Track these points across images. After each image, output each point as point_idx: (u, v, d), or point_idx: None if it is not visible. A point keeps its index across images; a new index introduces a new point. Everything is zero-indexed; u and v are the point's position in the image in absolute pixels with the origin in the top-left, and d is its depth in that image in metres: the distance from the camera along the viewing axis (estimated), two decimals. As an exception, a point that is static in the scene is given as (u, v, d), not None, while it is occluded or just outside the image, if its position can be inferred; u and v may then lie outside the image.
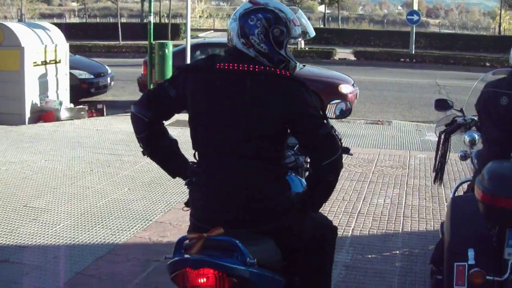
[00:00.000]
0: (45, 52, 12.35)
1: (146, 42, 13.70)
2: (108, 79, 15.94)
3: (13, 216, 6.25)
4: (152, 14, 13.02)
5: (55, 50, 12.70)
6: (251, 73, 2.87)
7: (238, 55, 2.95)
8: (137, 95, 12.77)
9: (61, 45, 13.00)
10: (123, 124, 11.30)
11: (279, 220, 2.91)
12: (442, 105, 5.08)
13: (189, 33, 13.16)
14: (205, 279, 2.43)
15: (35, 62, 11.99)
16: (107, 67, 16.49)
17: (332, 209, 6.59)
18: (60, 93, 13.03)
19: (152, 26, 13.09)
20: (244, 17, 2.94)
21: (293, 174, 3.67)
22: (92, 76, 15.44)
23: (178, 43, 22.19)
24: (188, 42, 13.19)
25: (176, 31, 40.16)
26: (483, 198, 3.34)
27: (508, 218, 3.28)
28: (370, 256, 5.33)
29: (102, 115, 13.08)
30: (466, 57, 28.77)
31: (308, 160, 3.96)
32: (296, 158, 3.79)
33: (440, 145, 4.80)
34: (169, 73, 12.92)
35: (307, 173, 3.97)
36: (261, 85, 2.87)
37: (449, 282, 3.46)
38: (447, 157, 4.83)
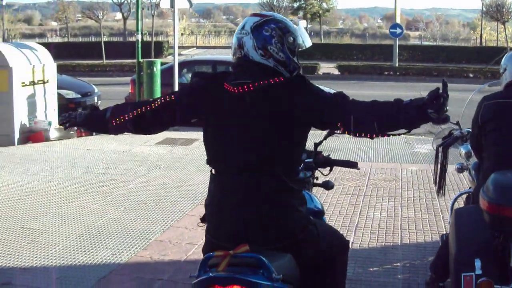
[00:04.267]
0: (33, 72, 12.34)
1: (130, 61, 13.84)
2: (95, 98, 15.95)
3: (11, 238, 6.23)
4: (140, 32, 13.07)
5: (43, 70, 12.69)
6: (269, 86, 2.93)
7: (251, 68, 3.00)
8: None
9: (49, 65, 13.00)
10: (113, 144, 11.30)
11: (294, 236, 2.94)
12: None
13: (176, 50, 13.20)
14: None
15: (23, 83, 11.97)
16: (94, 86, 16.51)
17: (330, 223, 6.61)
18: (49, 113, 13.00)
19: (140, 45, 13.12)
20: (257, 30, 3.00)
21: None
22: (79, 96, 15.45)
23: (163, 61, 22.24)
24: (175, 59, 13.24)
25: (159, 49, 40.20)
26: (488, 208, 3.41)
27: None
28: (372, 269, 5.37)
29: (91, 134, 13.03)
30: (450, 68, 29.08)
31: (314, 176, 4.02)
32: (304, 173, 3.82)
33: (439, 159, 4.85)
34: (157, 92, 12.95)
35: (312, 188, 4.05)
36: (281, 94, 2.94)
37: None
38: (447, 168, 4.89)
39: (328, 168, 3.98)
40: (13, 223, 6.73)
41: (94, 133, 12.99)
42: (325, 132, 4.01)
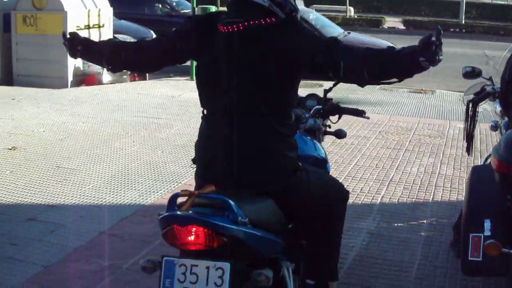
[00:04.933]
0: (88, 16, 12.40)
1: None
2: (152, 43, 15.96)
3: (45, 176, 6.34)
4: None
5: (99, 15, 12.73)
6: (260, 26, 2.83)
7: (246, 8, 2.88)
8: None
9: (105, 9, 13.04)
10: (164, 88, 11.33)
11: (279, 181, 2.86)
12: (470, 73, 4.92)
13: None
14: (193, 237, 2.40)
15: (78, 26, 12.03)
16: (152, 32, 16.49)
17: (364, 175, 6.51)
18: (104, 57, 13.07)
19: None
20: None
21: (308, 136, 3.60)
22: (136, 40, 15.47)
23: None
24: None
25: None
26: (498, 167, 3.25)
27: None
28: (396, 224, 5.25)
29: (144, 79, 13.09)
30: (518, 27, 27.91)
31: (327, 123, 3.91)
32: (314, 120, 3.72)
33: (469, 115, 4.66)
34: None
35: (324, 137, 3.94)
36: (271, 35, 2.83)
37: (465, 253, 3.38)
38: (476, 125, 4.69)
39: (337, 116, 3.86)
40: (50, 162, 6.84)
41: (147, 78, 13.10)
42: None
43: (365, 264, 4.52)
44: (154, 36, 16.12)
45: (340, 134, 3.87)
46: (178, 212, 2.45)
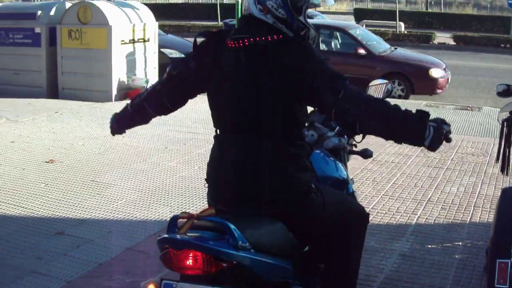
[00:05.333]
0: (133, 30, 12.50)
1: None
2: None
3: (79, 190, 6.35)
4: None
5: (144, 29, 12.83)
6: (266, 43, 2.74)
7: (253, 23, 2.81)
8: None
9: (150, 24, 13.14)
10: (207, 104, 11.30)
11: (289, 203, 2.75)
12: (505, 91, 4.72)
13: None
14: (191, 261, 2.31)
15: (123, 41, 12.15)
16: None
17: (402, 195, 6.34)
18: (148, 71, 13.18)
19: (240, 6, 13.03)
20: None
21: (331, 156, 3.50)
22: (183, 55, 15.54)
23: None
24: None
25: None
26: None
27: None
28: (430, 246, 5.07)
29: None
30: None
31: (352, 143, 3.80)
32: (338, 139, 3.60)
33: (503, 134, 4.48)
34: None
35: (351, 157, 3.82)
36: (274, 52, 2.72)
37: (491, 279, 3.21)
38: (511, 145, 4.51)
39: (361, 136, 3.74)
40: (85, 176, 6.86)
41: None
42: None
43: (393, 287, 4.36)
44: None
45: (365, 154, 3.74)
46: (174, 236, 2.37)
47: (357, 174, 7.02)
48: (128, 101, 3.43)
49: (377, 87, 3.80)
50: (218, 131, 2.95)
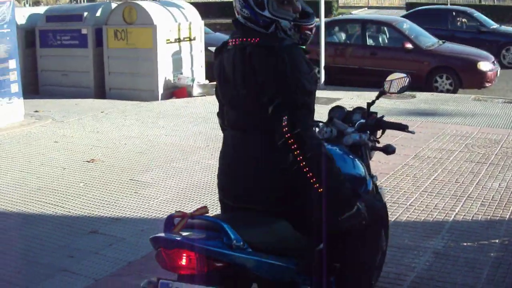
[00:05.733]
0: (179, 29, 12.56)
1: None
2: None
3: (116, 189, 6.40)
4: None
5: (189, 28, 12.88)
6: (239, 46, 2.75)
7: (240, 26, 2.83)
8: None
9: (196, 22, 13.18)
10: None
11: (290, 200, 2.69)
12: None
13: (322, 9, 12.83)
14: (184, 261, 2.27)
15: (168, 40, 12.22)
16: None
17: (441, 191, 6.19)
18: (195, 70, 13.23)
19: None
20: None
21: (350, 153, 3.41)
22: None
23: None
24: (322, 18, 12.89)
25: (329, 8, 39.69)
26: None
27: None
28: (465, 244, 4.93)
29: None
30: None
31: (373, 138, 3.71)
32: (359, 135, 3.51)
33: None
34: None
35: (373, 153, 3.73)
36: (252, 57, 2.70)
37: None
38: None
39: (381, 131, 3.65)
40: (124, 175, 6.92)
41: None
42: (376, 93, 3.71)
43: (424, 286, 4.24)
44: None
45: (387, 150, 3.62)
46: (166, 235, 2.35)
47: (398, 170, 6.89)
48: (174, 100, 3.44)
49: (396, 81, 3.69)
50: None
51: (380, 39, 13.94)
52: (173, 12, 12.63)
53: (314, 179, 2.59)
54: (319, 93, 3.69)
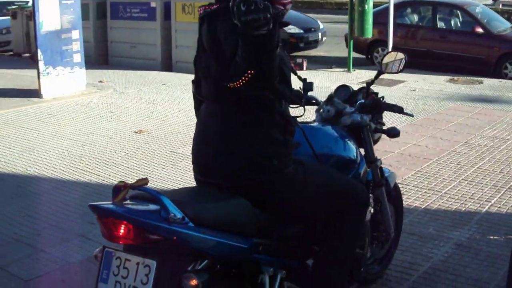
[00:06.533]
0: (247, 5, 12.52)
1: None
2: (319, 34, 15.81)
3: (156, 161, 6.48)
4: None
5: (259, 3, 12.82)
6: (207, 13, 2.67)
7: None
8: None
9: (265, -1, 13.11)
10: (316, 79, 11.17)
11: (254, 177, 2.60)
12: None
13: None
14: (123, 231, 2.26)
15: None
16: (319, 22, 16.38)
17: (482, 180, 5.95)
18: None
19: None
20: None
21: (345, 135, 3.31)
22: (301, 31, 15.39)
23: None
24: (391, -1, 12.62)
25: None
26: None
27: None
28: (491, 237, 4.72)
29: (301, 69, 13.00)
30: None
31: (377, 120, 3.59)
32: (360, 116, 3.39)
33: None
34: (369, 30, 12.50)
35: (376, 136, 3.62)
36: (217, 24, 2.61)
37: None
38: None
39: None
40: (167, 147, 7.00)
41: (304, 68, 12.92)
42: (373, 73, 3.57)
43: (436, 279, 4.08)
44: (322, 27, 16.02)
45: (391, 133, 3.48)
46: (100, 204, 2.34)
47: (443, 156, 6.67)
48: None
49: (394, 63, 3.53)
50: None
51: (452, 23, 13.51)
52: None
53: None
54: (383, 75, 3.52)
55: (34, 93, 9.56)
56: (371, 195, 3.31)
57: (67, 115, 8.53)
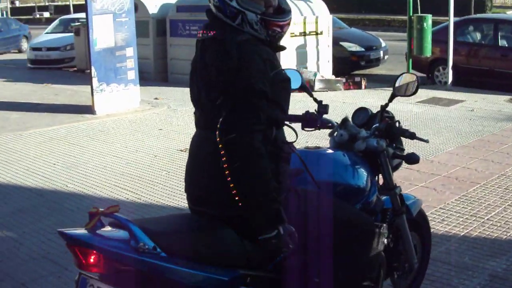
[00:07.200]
0: (304, 23, 12.51)
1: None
2: (381, 52, 15.62)
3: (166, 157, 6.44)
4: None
5: (316, 22, 12.79)
6: (201, 39, 2.62)
7: (209, 17, 2.67)
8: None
9: (323, 17, 13.05)
10: (371, 98, 10.98)
11: (240, 207, 2.50)
12: None
13: (452, 6, 12.25)
14: (92, 260, 2.21)
15: (293, 33, 12.19)
16: (380, 40, 16.18)
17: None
18: (321, 65, 13.13)
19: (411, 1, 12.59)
20: None
21: (360, 159, 3.18)
22: (363, 49, 15.24)
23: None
24: (451, 17, 12.33)
25: (481, 6, 37.80)
26: None
27: None
28: (531, 267, 4.50)
29: (360, 88, 12.84)
30: None
31: (396, 145, 3.45)
32: (376, 141, 3.26)
33: None
34: (427, 48, 12.29)
35: (395, 162, 3.48)
36: (207, 51, 2.57)
37: None
38: None
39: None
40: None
41: (363, 87, 12.76)
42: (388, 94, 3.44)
43: (462, 310, 3.92)
44: (384, 45, 15.81)
45: (410, 159, 3.34)
46: (68, 230, 2.30)
47: (491, 180, 6.43)
48: (297, 94, 3.32)
49: (407, 85, 3.40)
50: None
51: (515, 40, 13.11)
52: (299, 5, 12.58)
53: (235, 191, 2.44)
54: (441, 94, 3.45)
55: (89, 110, 9.75)
56: (385, 224, 3.16)
57: (117, 132, 8.63)
